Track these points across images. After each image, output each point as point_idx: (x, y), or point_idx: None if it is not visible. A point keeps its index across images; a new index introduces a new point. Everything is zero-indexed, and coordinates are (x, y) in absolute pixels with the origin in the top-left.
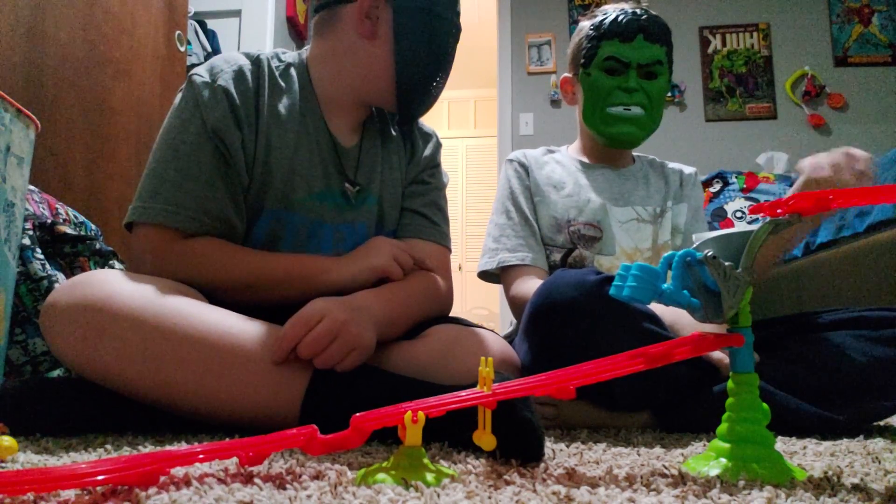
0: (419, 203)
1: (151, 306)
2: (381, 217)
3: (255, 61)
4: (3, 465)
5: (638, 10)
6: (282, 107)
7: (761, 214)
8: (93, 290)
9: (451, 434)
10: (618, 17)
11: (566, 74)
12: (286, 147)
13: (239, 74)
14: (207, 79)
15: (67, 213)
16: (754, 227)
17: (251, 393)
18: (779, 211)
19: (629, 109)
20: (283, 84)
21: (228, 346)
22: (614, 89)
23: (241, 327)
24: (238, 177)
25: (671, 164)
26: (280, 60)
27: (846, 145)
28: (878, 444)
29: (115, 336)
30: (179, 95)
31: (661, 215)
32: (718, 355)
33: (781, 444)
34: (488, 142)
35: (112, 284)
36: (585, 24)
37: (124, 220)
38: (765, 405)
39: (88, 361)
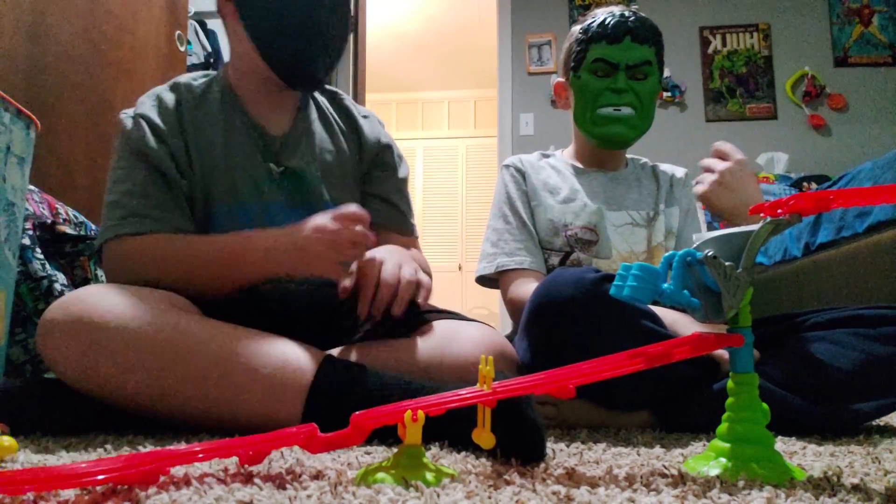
0: (384, 189)
1: (148, 320)
2: (331, 199)
3: (174, 87)
4: (3, 465)
5: (626, 13)
6: (205, 114)
7: (761, 214)
8: (88, 307)
9: (451, 433)
10: (605, 19)
11: (559, 79)
12: (217, 146)
13: (157, 101)
14: (130, 113)
15: (67, 213)
16: (754, 227)
17: (253, 402)
18: (779, 211)
19: (619, 110)
20: (203, 95)
21: (227, 356)
22: (604, 90)
23: (238, 337)
24: (177, 184)
25: (662, 166)
26: (203, 78)
27: (846, 146)
28: (878, 444)
29: (112, 351)
30: (117, 137)
31: (654, 218)
32: (720, 351)
33: (781, 444)
34: (488, 142)
35: (108, 300)
36: (575, 29)
37: (93, 250)
38: (764, 405)
39: (87, 377)
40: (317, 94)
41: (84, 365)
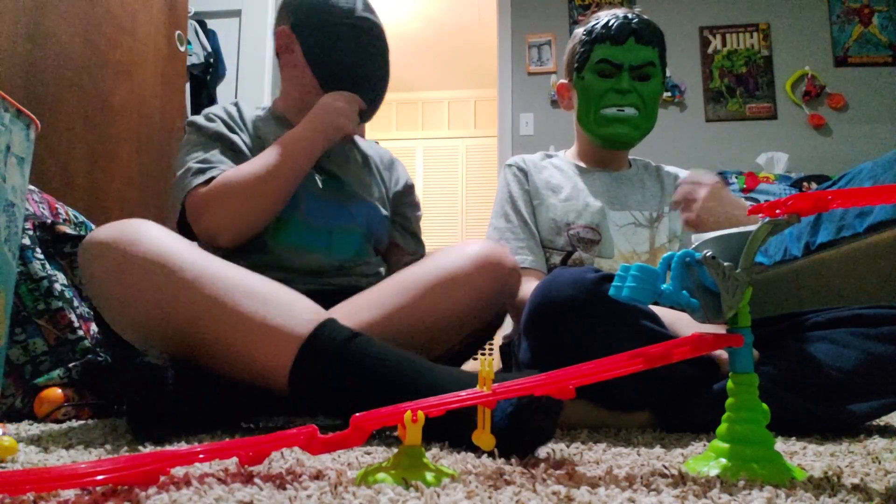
0: (412, 225)
1: (173, 250)
2: (361, 202)
3: (233, 104)
4: (3, 465)
5: (629, 14)
6: (260, 124)
7: (760, 215)
8: (125, 230)
9: (451, 434)
10: (609, 21)
11: (562, 80)
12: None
13: (224, 108)
14: (202, 115)
15: (67, 213)
16: (753, 227)
17: (248, 339)
18: (777, 211)
19: (623, 110)
20: (257, 113)
21: (234, 287)
22: (608, 91)
23: (253, 276)
24: (245, 156)
25: (667, 168)
26: (259, 108)
27: (846, 145)
28: (878, 444)
29: (139, 271)
30: (185, 136)
31: (657, 220)
32: (720, 351)
33: (781, 444)
34: (488, 142)
35: (144, 227)
36: (579, 31)
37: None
38: (764, 405)
39: (114, 295)
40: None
41: (112, 281)
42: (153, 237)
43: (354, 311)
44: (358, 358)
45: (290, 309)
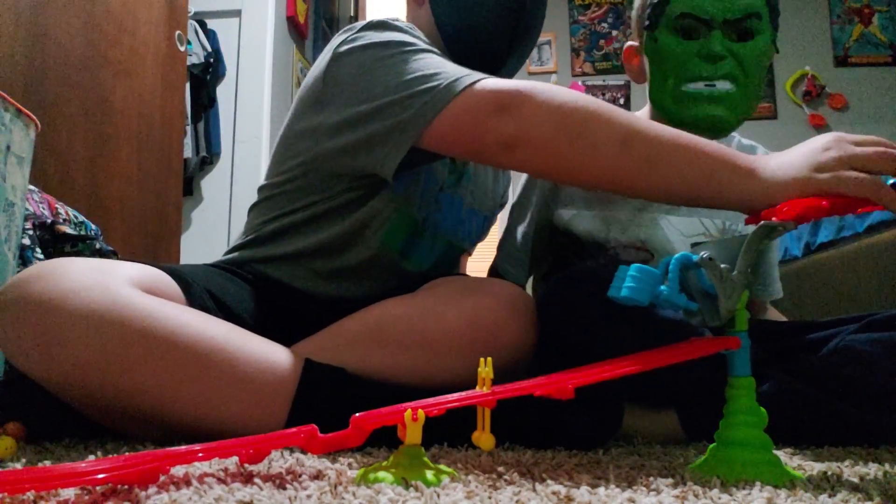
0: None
1: (117, 305)
2: (476, 210)
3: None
4: (4, 465)
5: None
6: None
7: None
8: (48, 285)
9: (451, 434)
10: None
11: (630, 43)
12: None
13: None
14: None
15: (67, 213)
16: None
17: (233, 403)
18: (773, 218)
19: (713, 85)
20: None
21: (207, 351)
22: (692, 57)
23: (218, 330)
24: None
25: (743, 142)
26: None
27: None
28: (878, 444)
29: (73, 339)
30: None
31: (728, 232)
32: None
33: (781, 445)
34: None
35: (71, 277)
36: None
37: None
38: (763, 410)
39: (44, 368)
40: None
41: (39, 353)
42: (87, 290)
43: (321, 351)
44: (356, 395)
45: (269, 364)
